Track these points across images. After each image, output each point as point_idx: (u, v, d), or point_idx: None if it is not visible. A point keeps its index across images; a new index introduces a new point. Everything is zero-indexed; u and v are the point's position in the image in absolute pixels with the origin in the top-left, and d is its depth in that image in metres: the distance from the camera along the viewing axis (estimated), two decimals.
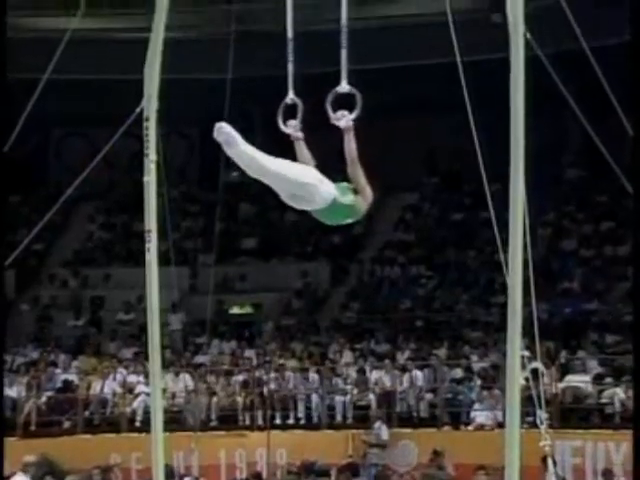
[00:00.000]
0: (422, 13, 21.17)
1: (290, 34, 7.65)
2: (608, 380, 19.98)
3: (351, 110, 7.33)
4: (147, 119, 8.40)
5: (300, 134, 7.63)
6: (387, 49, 22.71)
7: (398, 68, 22.83)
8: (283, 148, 7.74)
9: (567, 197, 26.17)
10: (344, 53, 7.39)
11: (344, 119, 7.28)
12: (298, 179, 7.43)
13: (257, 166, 7.46)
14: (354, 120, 7.27)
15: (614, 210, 24.72)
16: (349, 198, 7.48)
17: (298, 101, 7.51)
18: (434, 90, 21.75)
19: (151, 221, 8.46)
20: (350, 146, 7.29)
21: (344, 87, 7.35)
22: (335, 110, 7.29)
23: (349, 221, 7.60)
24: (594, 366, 20.49)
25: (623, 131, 8.07)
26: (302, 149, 7.70)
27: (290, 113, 7.60)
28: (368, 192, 7.52)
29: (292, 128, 7.62)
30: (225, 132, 7.36)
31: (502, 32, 7.69)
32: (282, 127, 7.65)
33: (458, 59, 7.97)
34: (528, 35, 7.49)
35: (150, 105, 8.43)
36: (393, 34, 22.14)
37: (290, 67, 7.65)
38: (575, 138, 25.28)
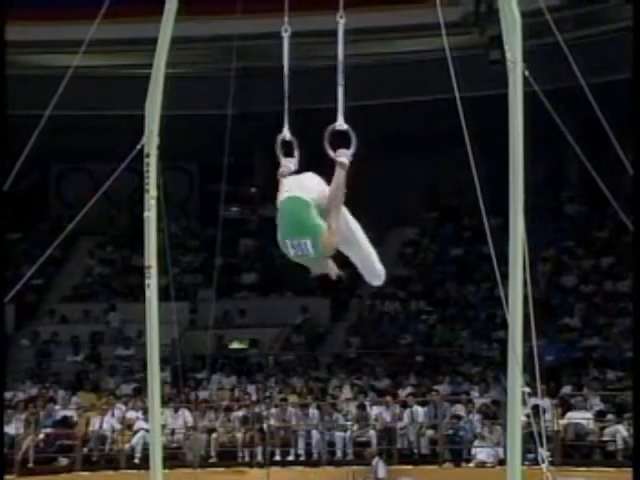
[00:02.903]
0: (422, 50, 21.30)
1: (286, 71, 7.69)
2: (610, 417, 19.92)
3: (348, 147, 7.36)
4: (148, 155, 8.45)
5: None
6: (388, 85, 22.83)
7: (399, 104, 22.92)
8: None
9: (567, 232, 26.20)
10: (340, 90, 7.42)
11: (342, 156, 7.28)
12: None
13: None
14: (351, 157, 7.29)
15: (614, 245, 24.74)
16: (320, 219, 7.41)
17: (293, 139, 7.51)
18: (434, 126, 21.84)
19: (151, 257, 8.48)
20: (339, 181, 7.23)
21: (340, 124, 7.39)
22: (334, 147, 7.32)
23: (308, 244, 7.45)
24: (596, 403, 20.43)
25: (621, 166, 8.11)
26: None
27: (290, 149, 7.62)
28: (333, 234, 7.45)
29: (291, 165, 7.60)
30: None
31: (501, 68, 7.75)
32: (281, 159, 7.65)
33: (457, 95, 8.01)
34: (526, 72, 7.54)
35: (151, 141, 8.48)
36: (394, 71, 22.25)
37: (286, 104, 7.68)
38: (574, 173, 25.39)
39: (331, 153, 7.27)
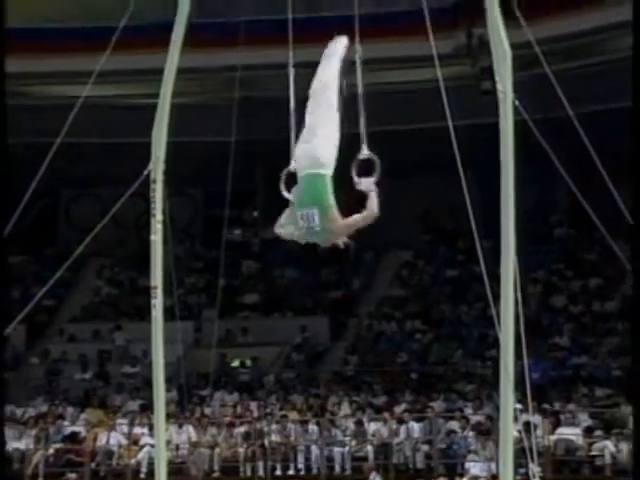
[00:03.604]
0: (417, 80, 21.36)
1: (292, 104, 7.76)
2: (598, 433, 19.88)
3: (371, 173, 7.53)
4: (154, 181, 8.47)
5: None
6: (384, 114, 22.87)
7: (395, 132, 22.96)
8: (286, 207, 7.78)
9: (556, 255, 26.20)
10: (362, 121, 7.59)
11: (365, 183, 7.46)
12: (335, 115, 7.52)
13: (330, 74, 7.62)
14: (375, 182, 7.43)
15: (601, 267, 24.75)
16: (333, 200, 7.51)
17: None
18: (428, 152, 21.87)
19: (157, 278, 8.49)
20: (372, 205, 7.40)
21: (365, 153, 7.58)
22: (358, 174, 7.53)
23: (315, 215, 7.48)
24: (584, 419, 20.40)
25: (608, 192, 8.13)
26: None
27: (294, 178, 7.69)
28: (342, 225, 7.52)
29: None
30: (339, 42, 7.63)
31: (493, 98, 7.78)
32: (285, 193, 7.70)
33: (450, 123, 8.03)
34: (517, 102, 7.57)
35: (157, 168, 8.50)
36: (391, 100, 22.28)
37: (292, 135, 7.74)
38: (563, 198, 25.40)
39: (356, 180, 7.47)
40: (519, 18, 8.26)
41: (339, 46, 7.82)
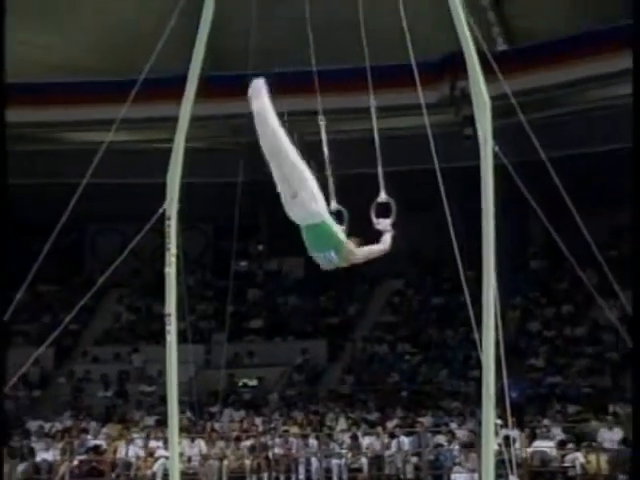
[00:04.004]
0: (406, 127, 21.40)
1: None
2: (570, 446, 19.80)
3: (388, 215, 7.83)
4: (169, 218, 8.47)
5: None
6: (375, 158, 22.88)
7: (386, 173, 22.99)
8: (287, 241, 7.78)
9: (532, 284, 26.17)
10: (380, 169, 7.71)
11: (383, 224, 7.79)
12: (303, 170, 7.36)
13: (272, 135, 7.31)
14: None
15: (572, 295, 24.72)
16: (341, 232, 7.56)
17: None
18: (417, 192, 21.88)
19: (171, 306, 8.47)
20: (387, 244, 7.75)
21: (383, 197, 7.71)
22: (377, 215, 7.68)
23: (332, 254, 7.50)
24: (558, 433, 20.31)
25: (578, 227, 8.13)
26: None
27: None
28: (359, 254, 7.59)
29: None
30: (256, 85, 7.36)
31: (474, 144, 7.79)
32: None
33: (437, 166, 8.05)
34: (496, 148, 7.58)
35: (171, 206, 8.51)
36: (382, 145, 22.29)
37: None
38: (538, 233, 25.40)
39: (375, 220, 7.57)
40: (497, 73, 8.28)
41: (262, 100, 7.45)
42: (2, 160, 9.91)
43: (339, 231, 7.51)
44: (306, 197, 7.38)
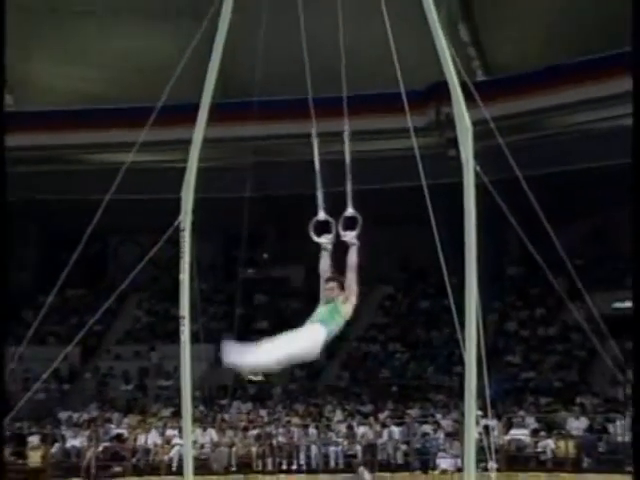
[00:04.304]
0: (396, 148, 21.39)
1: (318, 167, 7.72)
2: (542, 433, 19.79)
3: (354, 228, 7.50)
4: (183, 230, 8.45)
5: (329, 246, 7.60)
6: (370, 175, 22.94)
7: (379, 190, 22.96)
8: (290, 251, 7.77)
9: (509, 289, 26.15)
10: (349, 184, 7.60)
11: (349, 236, 7.41)
12: (302, 351, 7.40)
13: (268, 360, 7.54)
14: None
15: (545, 300, 24.69)
16: (339, 315, 7.50)
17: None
18: (406, 206, 21.87)
19: (185, 309, 8.45)
20: (352, 257, 7.38)
21: (350, 211, 7.59)
22: (344, 228, 7.53)
23: (340, 326, 7.54)
24: (531, 422, 20.29)
25: (550, 238, 8.13)
26: (325, 259, 7.71)
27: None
28: (354, 295, 7.52)
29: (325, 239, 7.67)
30: (232, 356, 7.17)
31: (457, 164, 7.78)
32: (314, 237, 7.72)
33: (424, 182, 8.03)
34: (477, 167, 7.57)
35: (186, 219, 8.48)
36: (375, 164, 22.31)
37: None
38: (514, 243, 25.38)
39: (341, 232, 7.46)
40: (477, 100, 8.29)
41: (243, 358, 7.32)
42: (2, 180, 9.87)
43: (336, 314, 7.46)
44: (312, 349, 7.63)
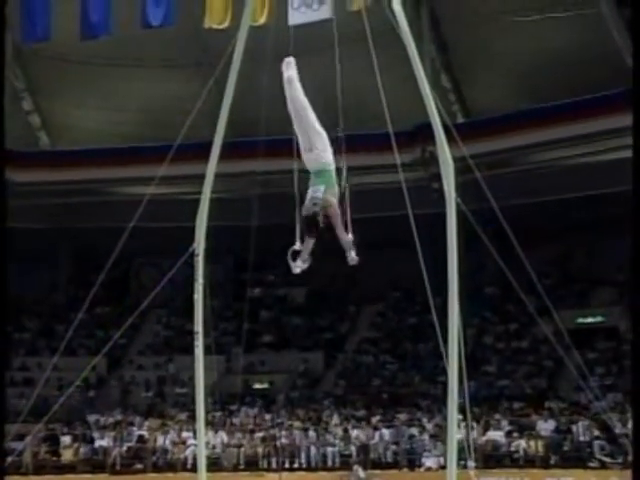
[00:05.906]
0: (386, 181, 21.40)
1: (297, 199, 7.73)
2: (515, 435, 19.73)
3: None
4: (197, 255, 8.45)
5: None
6: (361, 206, 22.91)
7: (372, 218, 22.92)
8: (293, 274, 7.76)
9: (486, 307, 26.07)
10: (349, 213, 7.61)
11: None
12: (318, 127, 7.31)
13: (297, 97, 7.27)
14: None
15: (518, 316, 24.61)
16: (335, 182, 7.32)
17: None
18: (395, 233, 21.85)
19: (199, 325, 8.43)
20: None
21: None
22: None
23: (321, 189, 7.35)
24: (506, 425, 20.21)
25: (521, 260, 8.12)
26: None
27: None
28: (333, 205, 7.37)
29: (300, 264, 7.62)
30: (288, 60, 7.32)
31: (441, 196, 7.79)
32: (291, 263, 7.72)
33: (410, 212, 8.03)
34: (458, 199, 7.57)
35: (200, 245, 8.49)
36: (365, 196, 22.27)
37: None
38: (491, 266, 25.31)
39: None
40: (457, 140, 8.32)
41: (290, 71, 7.42)
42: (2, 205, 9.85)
43: (335, 180, 7.45)
44: (320, 148, 7.29)
